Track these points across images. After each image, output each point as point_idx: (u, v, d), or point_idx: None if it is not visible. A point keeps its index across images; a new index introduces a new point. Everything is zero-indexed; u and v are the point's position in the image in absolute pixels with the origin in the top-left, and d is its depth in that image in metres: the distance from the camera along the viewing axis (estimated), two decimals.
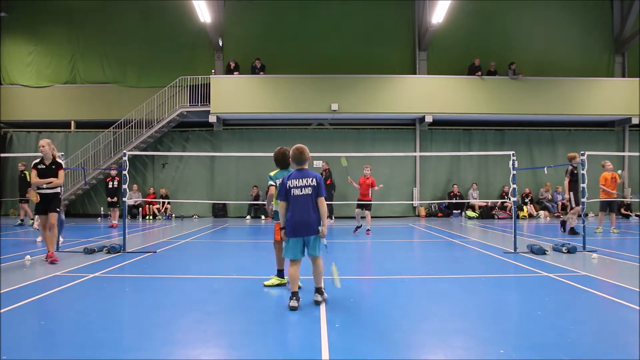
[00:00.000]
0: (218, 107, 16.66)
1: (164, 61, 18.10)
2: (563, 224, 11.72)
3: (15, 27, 18.37)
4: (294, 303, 4.31)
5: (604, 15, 18.73)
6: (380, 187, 11.63)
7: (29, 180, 15.12)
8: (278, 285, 5.38)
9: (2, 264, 6.84)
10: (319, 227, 4.47)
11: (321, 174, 16.03)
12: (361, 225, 11.69)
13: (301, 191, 4.45)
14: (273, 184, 5.29)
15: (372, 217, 16.44)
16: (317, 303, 4.46)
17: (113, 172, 14.78)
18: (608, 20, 18.75)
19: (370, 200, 11.54)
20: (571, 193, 11.17)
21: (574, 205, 11.15)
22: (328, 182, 15.64)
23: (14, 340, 3.51)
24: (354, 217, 12.10)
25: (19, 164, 15.23)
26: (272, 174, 5.40)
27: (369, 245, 9.89)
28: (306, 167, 4.63)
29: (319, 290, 4.53)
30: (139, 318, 4.21)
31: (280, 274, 5.45)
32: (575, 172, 11.14)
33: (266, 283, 5.42)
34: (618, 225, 12.51)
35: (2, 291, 5.03)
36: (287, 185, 4.51)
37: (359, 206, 11.59)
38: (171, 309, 4.49)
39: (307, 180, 4.47)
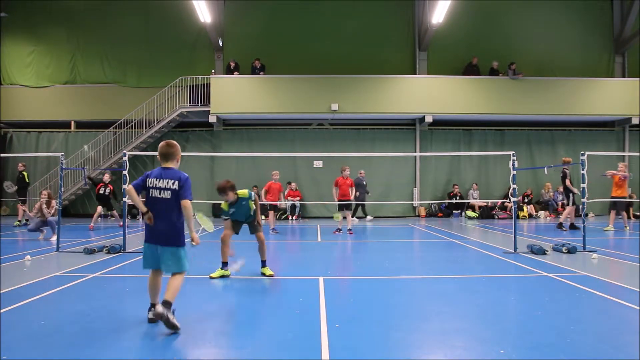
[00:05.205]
0: (218, 107, 16.66)
1: (164, 61, 18.11)
2: (560, 225, 12.16)
3: (15, 27, 18.37)
4: (150, 315, 4.02)
5: (604, 16, 18.73)
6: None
7: (27, 181, 15.23)
8: (222, 277, 5.97)
9: (2, 264, 6.84)
10: (178, 239, 3.96)
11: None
12: (341, 229, 11.65)
13: (160, 193, 3.92)
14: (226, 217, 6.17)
15: (372, 217, 16.63)
16: (151, 321, 3.99)
17: (106, 178, 14.01)
18: (608, 20, 18.75)
19: (350, 200, 11.57)
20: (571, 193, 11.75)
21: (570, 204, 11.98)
22: None
23: (14, 340, 3.52)
24: (323, 217, 12.12)
25: (19, 164, 15.32)
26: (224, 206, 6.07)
27: (368, 245, 9.89)
28: (173, 166, 4.05)
29: (165, 304, 3.75)
30: (139, 318, 4.21)
31: (223, 265, 6.06)
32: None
33: (212, 275, 5.99)
34: (621, 225, 12.56)
35: (2, 291, 5.04)
36: (147, 182, 3.98)
37: (341, 207, 11.51)
38: None
39: (168, 182, 3.92)
